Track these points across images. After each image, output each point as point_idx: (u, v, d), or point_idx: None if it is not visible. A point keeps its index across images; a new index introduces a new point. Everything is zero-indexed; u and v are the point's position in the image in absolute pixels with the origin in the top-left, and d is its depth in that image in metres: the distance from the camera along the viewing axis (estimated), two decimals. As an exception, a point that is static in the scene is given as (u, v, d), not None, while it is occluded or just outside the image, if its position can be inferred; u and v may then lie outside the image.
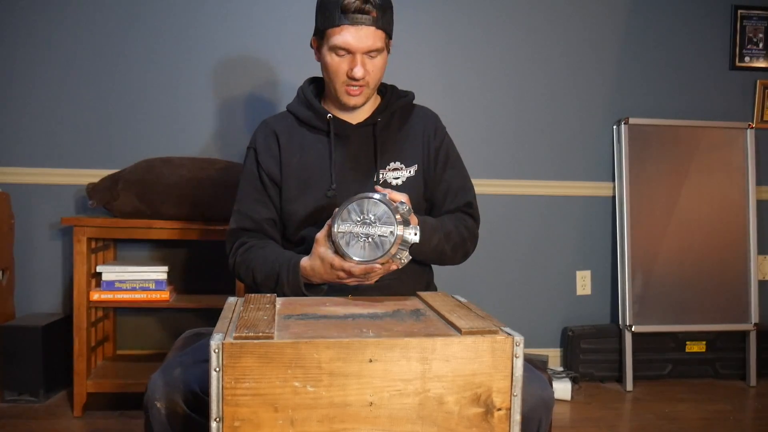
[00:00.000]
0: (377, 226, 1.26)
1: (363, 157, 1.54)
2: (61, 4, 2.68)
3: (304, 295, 1.42)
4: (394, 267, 1.33)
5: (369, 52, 1.46)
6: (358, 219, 1.27)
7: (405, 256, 1.30)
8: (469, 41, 2.93)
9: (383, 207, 1.26)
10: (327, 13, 1.45)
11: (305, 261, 1.39)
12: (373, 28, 1.44)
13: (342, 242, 1.28)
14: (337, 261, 1.32)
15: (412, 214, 1.33)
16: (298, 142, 1.55)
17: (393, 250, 1.26)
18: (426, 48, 2.90)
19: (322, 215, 1.49)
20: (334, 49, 1.45)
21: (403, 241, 1.28)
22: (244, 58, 2.78)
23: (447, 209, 1.58)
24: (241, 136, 2.71)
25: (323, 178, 1.52)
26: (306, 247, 1.48)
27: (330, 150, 1.53)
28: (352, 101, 1.51)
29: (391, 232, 1.25)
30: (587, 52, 3.00)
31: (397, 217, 1.26)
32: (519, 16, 2.95)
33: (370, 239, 1.26)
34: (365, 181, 1.51)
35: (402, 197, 1.33)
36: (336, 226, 1.28)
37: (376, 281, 1.47)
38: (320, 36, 1.49)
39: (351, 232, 1.27)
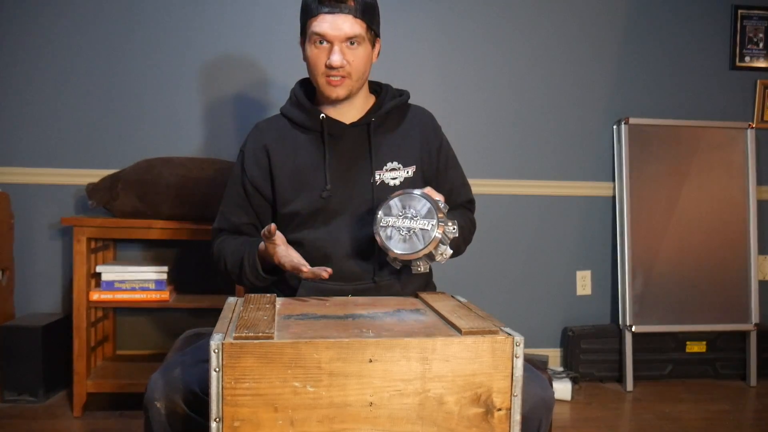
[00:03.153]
0: (418, 219, 1.30)
1: (357, 157, 1.53)
2: (61, 5, 2.68)
3: (262, 278, 1.46)
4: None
5: (348, 41, 1.45)
6: (400, 214, 1.32)
7: (446, 251, 1.34)
8: (469, 41, 2.92)
9: (424, 202, 1.31)
10: (307, 5, 1.47)
11: (263, 244, 1.43)
12: (351, 17, 1.44)
13: (383, 235, 1.32)
14: (287, 260, 1.37)
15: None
16: (291, 144, 1.54)
17: (433, 245, 1.30)
18: (426, 48, 2.90)
19: (317, 216, 1.49)
20: (313, 39, 1.46)
21: (445, 235, 1.32)
22: (243, 58, 2.78)
23: (451, 207, 1.59)
24: (241, 136, 2.70)
25: (317, 179, 1.51)
26: (304, 250, 1.48)
27: (324, 150, 1.52)
28: (333, 93, 1.49)
29: (433, 225, 1.29)
30: (587, 51, 3.00)
31: (439, 215, 1.30)
32: (519, 16, 2.95)
33: (411, 233, 1.30)
34: (360, 181, 1.51)
35: (439, 196, 1.36)
36: (378, 220, 1.33)
37: (376, 280, 1.47)
38: (303, 32, 1.50)
39: (393, 226, 1.32)
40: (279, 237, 1.39)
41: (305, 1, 1.48)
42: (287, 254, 1.38)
